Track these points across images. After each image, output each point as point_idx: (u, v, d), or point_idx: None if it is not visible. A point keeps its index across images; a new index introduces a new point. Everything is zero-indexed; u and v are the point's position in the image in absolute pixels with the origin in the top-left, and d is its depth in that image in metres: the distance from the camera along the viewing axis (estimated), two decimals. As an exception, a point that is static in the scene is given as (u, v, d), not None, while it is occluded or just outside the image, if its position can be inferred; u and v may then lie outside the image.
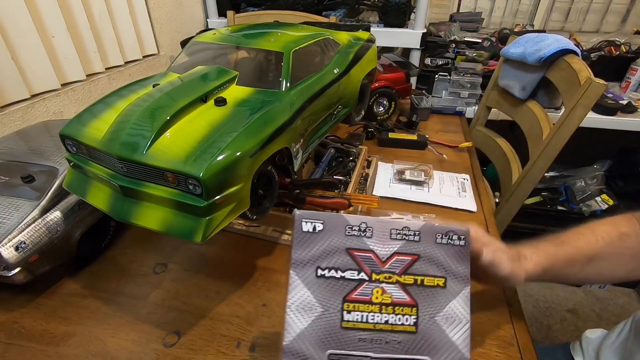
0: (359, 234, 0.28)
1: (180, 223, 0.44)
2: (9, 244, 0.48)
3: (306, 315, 0.26)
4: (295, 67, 0.58)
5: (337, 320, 0.26)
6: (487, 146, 1.11)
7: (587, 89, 0.74)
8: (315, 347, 0.25)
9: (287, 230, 0.66)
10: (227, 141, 0.43)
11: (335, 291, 0.27)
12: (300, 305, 0.27)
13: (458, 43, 1.40)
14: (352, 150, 0.85)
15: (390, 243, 0.28)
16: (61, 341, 0.48)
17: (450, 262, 0.28)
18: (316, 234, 0.29)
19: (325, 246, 0.28)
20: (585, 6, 1.67)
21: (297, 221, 0.29)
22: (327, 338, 0.26)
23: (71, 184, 0.53)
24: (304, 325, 0.26)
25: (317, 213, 0.27)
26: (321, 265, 0.28)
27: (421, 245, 0.28)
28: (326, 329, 0.26)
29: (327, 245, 0.28)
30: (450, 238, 0.28)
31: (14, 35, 0.77)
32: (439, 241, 0.28)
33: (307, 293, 0.27)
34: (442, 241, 0.28)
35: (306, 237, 0.29)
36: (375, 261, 0.28)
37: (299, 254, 0.29)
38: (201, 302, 0.54)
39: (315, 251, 0.28)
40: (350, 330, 0.26)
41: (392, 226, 0.29)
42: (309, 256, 0.29)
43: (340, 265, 0.28)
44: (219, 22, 1.46)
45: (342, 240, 0.28)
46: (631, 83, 1.31)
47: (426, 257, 0.28)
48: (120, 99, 0.52)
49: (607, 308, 1.47)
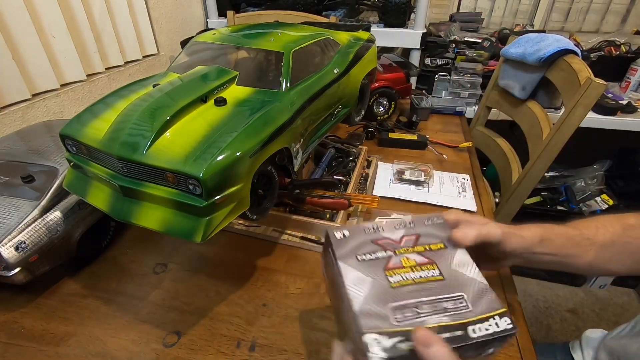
0: (374, 231, 0.39)
1: (180, 223, 0.44)
2: (9, 244, 0.48)
3: (362, 286, 0.34)
4: (295, 67, 0.58)
5: (386, 283, 0.34)
6: (487, 146, 1.11)
7: (587, 89, 0.74)
8: (379, 304, 0.32)
9: (287, 230, 0.66)
10: (227, 141, 0.43)
11: (375, 266, 0.36)
12: (355, 281, 0.34)
13: (458, 43, 1.40)
14: (352, 150, 0.85)
15: (397, 231, 0.40)
16: (61, 341, 0.48)
17: (439, 233, 0.40)
18: (346, 238, 0.38)
19: (356, 243, 0.38)
20: (585, 6, 1.67)
21: (330, 233, 0.38)
22: (384, 296, 0.33)
23: (71, 184, 0.53)
24: (364, 293, 0.33)
25: (342, 226, 0.37)
26: (358, 254, 0.37)
27: (417, 228, 0.40)
28: (380, 290, 0.34)
29: (356, 242, 0.38)
30: (432, 220, 0.41)
31: (14, 36, 0.77)
32: (426, 223, 0.41)
33: (356, 272, 0.35)
34: (428, 223, 0.41)
35: (341, 241, 0.38)
36: (393, 243, 0.38)
37: (340, 251, 0.37)
38: (201, 302, 0.54)
39: (350, 247, 0.38)
40: (398, 288, 0.34)
41: (393, 222, 0.41)
42: (348, 251, 0.37)
43: (371, 251, 0.37)
44: (219, 22, 1.46)
45: (365, 237, 0.39)
46: (631, 83, 1.31)
47: (424, 234, 0.40)
48: (120, 99, 0.52)
49: (607, 308, 1.47)
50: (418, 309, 0.33)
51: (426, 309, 0.33)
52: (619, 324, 0.62)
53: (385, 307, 0.32)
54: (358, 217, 0.70)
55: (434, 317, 0.33)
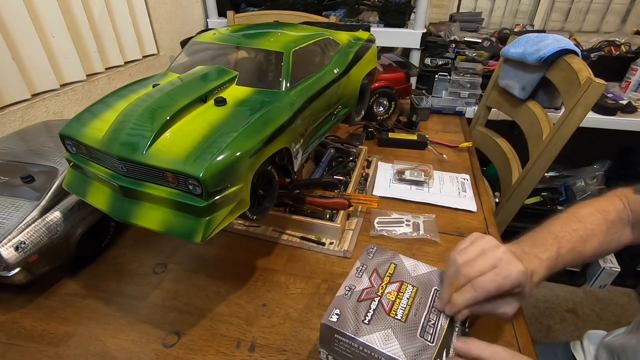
0: (350, 290, 0.43)
1: (180, 223, 0.44)
2: (9, 244, 0.48)
3: (390, 341, 0.37)
4: (295, 67, 0.58)
5: (399, 323, 0.39)
6: (487, 146, 1.11)
7: (587, 89, 0.74)
8: (411, 341, 0.37)
9: (287, 230, 0.66)
10: (227, 141, 0.43)
11: (381, 317, 0.40)
12: (384, 342, 0.37)
13: (458, 43, 1.40)
14: (352, 150, 0.85)
15: (363, 278, 0.45)
16: (61, 341, 0.48)
17: (384, 257, 0.48)
18: (341, 316, 0.40)
19: (350, 314, 0.40)
20: (585, 6, 1.67)
21: (327, 324, 0.40)
22: (408, 333, 0.38)
23: (71, 184, 0.53)
24: (397, 344, 0.37)
25: (327, 310, 0.41)
26: (361, 320, 0.40)
27: (370, 265, 0.47)
28: (402, 331, 0.38)
29: (350, 312, 0.41)
30: (368, 251, 0.49)
31: (14, 36, 0.77)
32: (370, 257, 0.48)
33: (376, 334, 0.38)
34: (370, 257, 0.48)
35: (340, 322, 0.40)
36: (370, 290, 0.43)
37: (349, 329, 0.39)
38: (201, 302, 0.54)
39: (351, 320, 0.40)
40: (406, 318, 0.40)
41: (352, 274, 0.45)
42: (353, 324, 0.39)
43: (366, 309, 0.41)
44: (219, 22, 1.46)
45: (350, 302, 0.42)
46: (631, 83, 1.31)
47: (377, 265, 0.47)
48: (120, 99, 0.52)
49: (607, 308, 1.47)
50: (430, 321, 0.39)
51: (433, 317, 0.39)
52: (619, 324, 0.62)
53: (416, 340, 0.37)
54: (358, 217, 0.70)
55: (441, 319, 0.39)
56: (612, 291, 1.52)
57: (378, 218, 0.69)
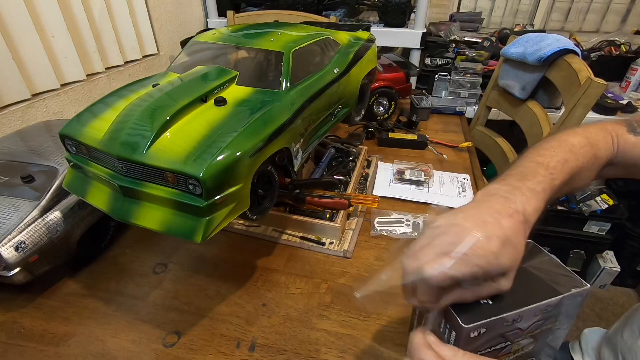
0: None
1: (180, 223, 0.44)
2: (9, 244, 0.48)
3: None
4: (295, 67, 0.58)
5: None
6: (487, 146, 1.11)
7: (587, 89, 0.74)
8: None
9: (287, 230, 0.66)
10: (227, 141, 0.43)
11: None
12: None
13: (458, 43, 1.40)
14: (352, 150, 0.85)
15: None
16: (61, 341, 0.48)
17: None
18: None
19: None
20: (585, 6, 1.67)
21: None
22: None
23: (71, 184, 0.53)
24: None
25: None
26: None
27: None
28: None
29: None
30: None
31: (14, 36, 0.77)
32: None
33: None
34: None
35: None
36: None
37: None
38: (201, 302, 0.54)
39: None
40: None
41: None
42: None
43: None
44: (219, 22, 1.46)
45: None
46: (631, 83, 1.31)
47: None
48: (120, 99, 0.52)
49: (607, 308, 1.47)
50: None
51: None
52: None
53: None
54: (358, 216, 0.70)
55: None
56: (612, 291, 1.52)
57: (378, 218, 0.69)
